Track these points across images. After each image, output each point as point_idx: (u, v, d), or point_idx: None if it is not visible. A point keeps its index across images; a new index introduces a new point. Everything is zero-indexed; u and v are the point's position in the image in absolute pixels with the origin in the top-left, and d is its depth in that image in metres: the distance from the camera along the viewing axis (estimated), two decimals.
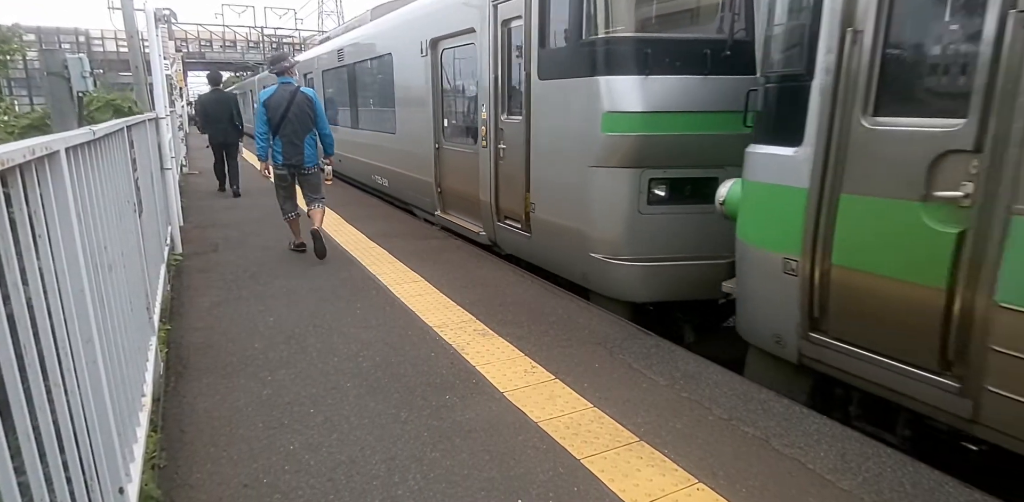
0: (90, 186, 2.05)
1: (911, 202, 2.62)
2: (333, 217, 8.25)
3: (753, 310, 3.55)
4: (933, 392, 2.66)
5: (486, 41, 5.69)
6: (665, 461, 2.58)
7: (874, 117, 2.77)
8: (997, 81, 2.32)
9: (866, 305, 2.89)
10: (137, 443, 2.26)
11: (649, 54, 4.09)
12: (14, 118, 9.30)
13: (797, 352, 3.26)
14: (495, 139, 5.75)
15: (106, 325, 1.98)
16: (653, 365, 3.54)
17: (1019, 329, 2.33)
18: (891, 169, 2.71)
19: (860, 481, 2.45)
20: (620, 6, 4.29)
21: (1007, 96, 2.30)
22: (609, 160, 4.33)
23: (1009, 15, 2.27)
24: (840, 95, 2.87)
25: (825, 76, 2.90)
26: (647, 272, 4.38)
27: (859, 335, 2.95)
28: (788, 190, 3.13)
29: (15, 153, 1.29)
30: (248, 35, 36.95)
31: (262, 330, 4.07)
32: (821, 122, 2.95)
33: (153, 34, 6.64)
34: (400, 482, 2.42)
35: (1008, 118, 2.29)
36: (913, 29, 2.75)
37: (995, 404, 2.45)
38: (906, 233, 2.66)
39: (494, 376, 3.39)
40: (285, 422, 2.88)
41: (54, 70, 5.36)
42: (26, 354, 1.30)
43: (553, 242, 5.07)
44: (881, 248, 2.78)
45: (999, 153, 2.33)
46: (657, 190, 4.33)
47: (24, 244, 1.37)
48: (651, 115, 4.16)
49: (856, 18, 2.79)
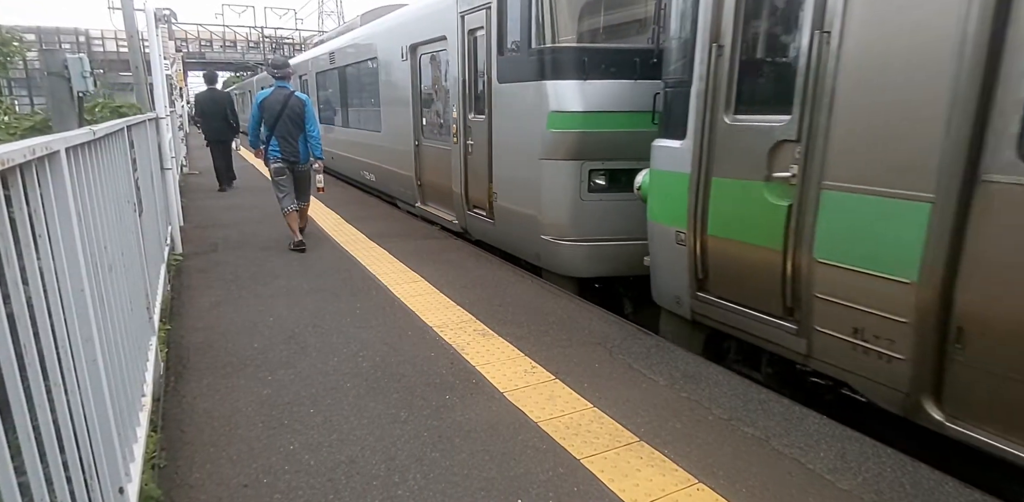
0: (90, 186, 2.05)
1: (758, 182, 3.33)
2: (333, 217, 8.26)
3: (660, 277, 4.23)
4: (781, 334, 3.33)
5: (456, 48, 6.29)
6: (665, 461, 2.58)
7: (733, 115, 3.48)
8: (809, 85, 2.99)
9: (732, 266, 3.60)
10: (137, 443, 2.26)
11: (587, 62, 4.71)
12: (15, 119, 9.31)
13: (690, 310, 3.95)
14: (464, 136, 6.35)
15: (106, 325, 1.98)
16: (653, 365, 3.55)
17: (832, 279, 2.99)
18: (744, 156, 3.41)
19: (860, 481, 2.45)
20: (564, 20, 4.87)
21: (816, 97, 2.97)
22: (555, 153, 4.95)
23: (815, 34, 2.95)
24: (710, 98, 3.56)
25: (700, 82, 3.61)
26: (589, 251, 5.05)
27: (730, 292, 3.65)
28: (677, 175, 3.83)
29: (15, 153, 1.29)
30: (248, 35, 36.95)
31: (262, 330, 4.07)
32: (697, 119, 3.65)
33: (153, 34, 6.64)
34: (400, 482, 2.42)
35: (816, 115, 2.97)
36: (757, 45, 3.50)
37: (820, 340, 3.11)
38: (755, 207, 3.35)
39: (494, 376, 3.39)
40: (285, 422, 2.88)
41: (54, 70, 5.35)
42: (26, 353, 1.30)
43: (512, 227, 5.72)
44: (739, 220, 3.49)
45: (812, 141, 3.01)
46: (596, 180, 4.97)
47: (24, 243, 1.37)
48: (589, 114, 4.79)
49: (720, 35, 3.48)
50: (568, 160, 4.91)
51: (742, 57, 3.45)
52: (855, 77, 2.83)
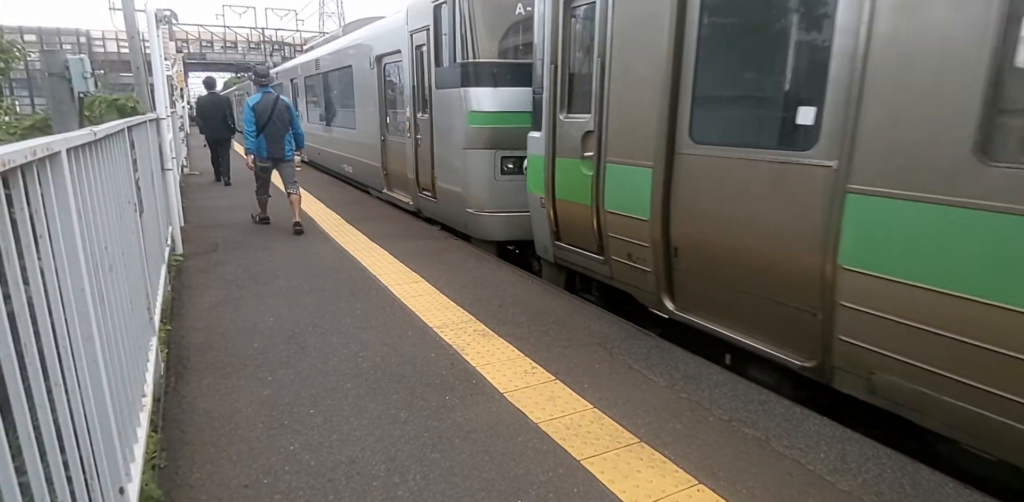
0: (91, 186, 2.05)
1: (577, 160, 4.70)
2: (333, 218, 8.27)
3: (536, 234, 5.60)
4: (597, 265, 4.71)
5: (407, 59, 7.77)
6: (665, 462, 2.58)
7: (565, 114, 4.88)
8: (597, 94, 4.36)
9: (570, 220, 4.96)
10: (137, 443, 2.26)
11: (496, 73, 6.13)
12: (15, 119, 9.33)
13: (553, 256, 5.35)
14: (414, 131, 7.79)
15: (106, 324, 1.98)
16: (653, 366, 3.55)
17: (615, 222, 4.33)
18: (570, 142, 4.78)
19: (860, 482, 2.45)
20: (480, 41, 6.19)
21: (601, 102, 4.33)
22: (475, 144, 6.27)
23: (597, 61, 4.32)
24: (552, 102, 4.95)
25: (547, 91, 4.99)
26: (502, 220, 6.40)
27: (571, 239, 5.01)
28: (538, 157, 5.21)
29: (17, 154, 1.29)
30: (249, 36, 36.96)
31: (262, 330, 4.07)
32: (547, 117, 5.03)
33: (154, 35, 6.65)
34: (400, 483, 2.42)
35: (601, 114, 4.35)
36: (573, 66, 4.83)
37: (614, 265, 4.48)
38: (577, 177, 4.71)
39: (494, 377, 3.39)
40: (285, 422, 2.88)
41: (55, 71, 5.36)
42: (27, 353, 1.30)
43: (449, 203, 7.07)
44: (570, 186, 4.85)
45: (601, 132, 4.39)
46: (507, 165, 6.28)
47: (25, 243, 1.37)
48: (499, 113, 6.15)
49: (556, 58, 4.87)
50: (485, 149, 6.25)
51: (567, 74, 4.86)
52: (618, 89, 4.20)
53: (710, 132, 3.60)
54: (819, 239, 2.90)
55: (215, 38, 36.77)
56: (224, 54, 36.07)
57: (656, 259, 3.96)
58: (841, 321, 2.88)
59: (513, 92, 6.04)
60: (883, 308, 2.68)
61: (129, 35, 8.92)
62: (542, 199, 5.22)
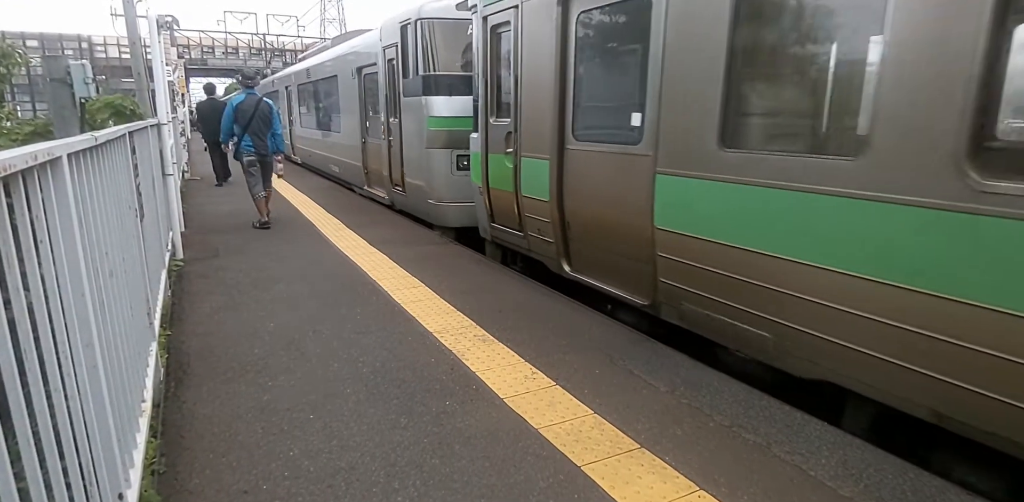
0: (92, 191, 2.05)
1: (502, 155, 5.71)
2: (334, 223, 8.27)
3: (479, 218, 6.60)
4: (519, 240, 5.74)
5: (382, 71, 8.89)
6: (666, 468, 2.57)
7: (494, 118, 5.90)
8: (512, 102, 5.41)
9: (499, 205, 5.96)
10: (137, 449, 2.26)
11: (451, 84, 7.18)
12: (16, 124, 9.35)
13: (491, 235, 6.38)
14: (388, 133, 8.86)
15: (106, 330, 1.98)
16: (654, 371, 3.54)
17: (528, 204, 5.32)
18: (498, 141, 5.79)
19: (862, 488, 2.44)
20: (439, 56, 7.23)
21: (516, 109, 5.38)
22: (434, 144, 7.29)
23: (512, 75, 5.35)
24: (484, 108, 5.99)
25: (482, 99, 6.02)
26: (458, 209, 7.36)
27: (502, 220, 6.00)
28: (477, 154, 6.22)
29: (17, 159, 1.29)
30: (250, 42, 37.12)
31: (262, 336, 4.07)
32: (481, 120, 6.07)
33: (155, 40, 6.67)
34: (400, 489, 2.42)
35: (517, 118, 5.38)
36: (499, 78, 5.82)
37: (530, 239, 5.52)
38: (503, 168, 5.70)
39: (494, 382, 3.38)
40: (285, 428, 2.88)
41: (57, 76, 5.37)
42: (26, 358, 1.30)
43: (415, 196, 8.15)
44: (499, 176, 5.83)
45: (516, 132, 5.42)
46: (461, 162, 7.19)
47: (25, 248, 1.37)
48: (452, 118, 7.15)
49: (486, 72, 5.91)
50: (443, 149, 7.26)
51: (495, 86, 5.90)
52: (527, 98, 5.21)
53: (585, 131, 4.68)
54: (645, 208, 3.94)
55: (216, 44, 36.95)
56: (225, 60, 36.23)
57: (555, 232, 5.03)
58: (660, 268, 3.93)
59: (465, 100, 6.86)
60: (681, 255, 3.74)
61: (131, 41, 8.96)
62: (480, 188, 6.21)
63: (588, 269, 4.81)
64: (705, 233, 3.50)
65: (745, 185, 3.20)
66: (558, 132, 4.78)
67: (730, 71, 3.26)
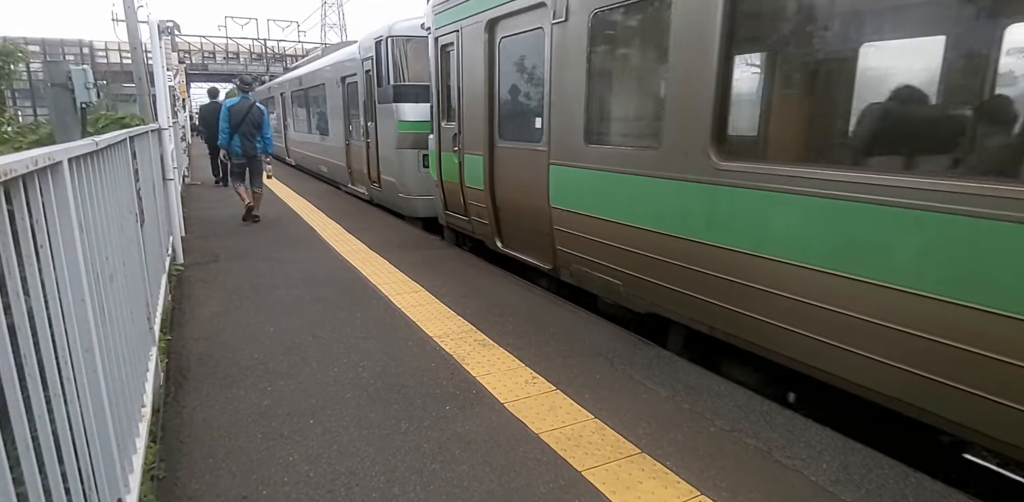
0: (92, 196, 2.06)
1: (451, 153, 6.69)
2: (334, 227, 8.28)
3: (437, 207, 7.57)
4: (466, 224, 6.68)
5: (361, 80, 10.05)
6: (667, 473, 2.56)
7: (444, 122, 6.90)
8: (456, 108, 6.47)
9: (451, 194, 6.91)
10: (136, 454, 2.25)
11: (417, 93, 8.27)
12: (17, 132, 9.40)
13: (446, 222, 7.40)
14: (367, 136, 10.06)
15: (106, 335, 1.98)
16: (654, 376, 3.53)
17: (471, 193, 6.34)
18: (448, 141, 6.77)
19: (863, 493, 2.43)
20: (408, 69, 8.39)
21: (460, 114, 6.38)
22: (404, 145, 8.42)
23: (454, 84, 6.50)
24: (437, 113, 7.04)
25: (435, 106, 7.06)
26: (424, 202, 8.41)
27: (453, 208, 6.97)
28: (433, 152, 7.29)
29: (18, 164, 1.30)
30: (251, 47, 37.21)
31: (262, 340, 4.06)
32: (435, 124, 7.13)
33: (156, 46, 6.68)
34: (400, 494, 2.41)
35: (461, 122, 6.41)
36: (448, 88, 6.77)
37: (473, 223, 6.48)
38: (451, 164, 6.68)
39: (494, 387, 3.38)
40: (285, 433, 2.87)
41: (58, 81, 5.38)
42: (26, 363, 1.29)
43: (389, 191, 9.31)
44: (448, 170, 6.83)
45: (460, 134, 6.44)
46: (426, 160, 7.97)
47: (26, 253, 1.37)
48: (418, 122, 8.25)
49: (437, 82, 6.96)
50: (411, 149, 8.36)
51: (444, 94, 6.87)
52: (467, 105, 6.23)
53: (506, 133, 5.73)
54: (544, 191, 4.98)
55: (217, 49, 37.01)
56: (226, 65, 36.29)
57: (490, 215, 6.03)
58: (556, 238, 4.96)
59: (428, 107, 7.66)
60: (567, 227, 4.79)
61: (132, 46, 9.01)
62: (436, 182, 7.28)
63: (513, 244, 5.91)
64: (579, 208, 4.62)
65: (599, 171, 4.34)
66: (489, 133, 5.88)
67: (589, 87, 4.38)
